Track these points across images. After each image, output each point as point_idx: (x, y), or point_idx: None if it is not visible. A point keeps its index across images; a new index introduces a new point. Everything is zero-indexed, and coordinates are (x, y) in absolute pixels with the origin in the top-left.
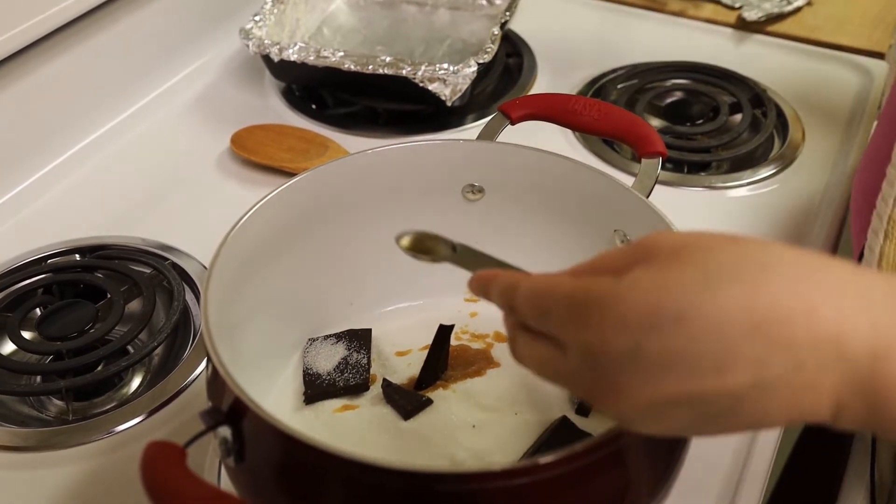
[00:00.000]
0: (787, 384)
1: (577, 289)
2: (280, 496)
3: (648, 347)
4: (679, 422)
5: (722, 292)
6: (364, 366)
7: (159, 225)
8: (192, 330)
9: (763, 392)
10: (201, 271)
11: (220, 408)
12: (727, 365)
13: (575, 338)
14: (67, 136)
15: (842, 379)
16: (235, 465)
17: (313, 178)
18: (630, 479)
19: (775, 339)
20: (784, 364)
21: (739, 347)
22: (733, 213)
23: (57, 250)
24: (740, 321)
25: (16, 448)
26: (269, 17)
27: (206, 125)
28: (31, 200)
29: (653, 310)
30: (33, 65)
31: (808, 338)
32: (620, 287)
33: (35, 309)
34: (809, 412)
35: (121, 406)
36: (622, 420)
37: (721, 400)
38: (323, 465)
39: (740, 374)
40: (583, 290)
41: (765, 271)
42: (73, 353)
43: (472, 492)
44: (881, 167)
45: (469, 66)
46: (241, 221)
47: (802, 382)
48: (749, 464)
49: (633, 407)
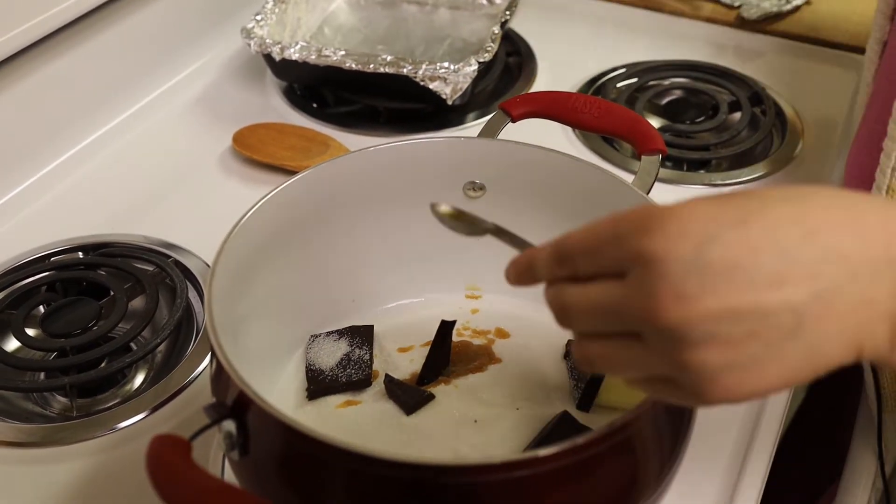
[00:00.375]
0: (843, 296)
1: (635, 212)
2: (284, 489)
3: (710, 255)
4: (738, 345)
5: (774, 208)
6: (366, 362)
7: (162, 223)
8: (195, 327)
9: (821, 305)
10: (204, 269)
11: (225, 402)
12: (784, 275)
13: (637, 250)
14: (70, 134)
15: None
16: (240, 458)
17: (315, 176)
18: (631, 471)
19: (828, 248)
20: (838, 274)
21: (795, 256)
22: None
23: (60, 248)
24: (793, 230)
25: (20, 444)
26: (271, 16)
27: (207, 124)
28: (35, 199)
29: (714, 219)
30: (36, 64)
31: (858, 246)
32: (679, 204)
33: (39, 306)
34: (868, 333)
35: (124, 402)
36: (680, 336)
37: (781, 315)
38: (326, 457)
39: (798, 286)
40: (643, 209)
41: (810, 196)
42: (77, 349)
43: (473, 484)
44: (874, 147)
45: (470, 65)
46: (243, 219)
47: (858, 295)
48: (749, 460)
49: (695, 317)
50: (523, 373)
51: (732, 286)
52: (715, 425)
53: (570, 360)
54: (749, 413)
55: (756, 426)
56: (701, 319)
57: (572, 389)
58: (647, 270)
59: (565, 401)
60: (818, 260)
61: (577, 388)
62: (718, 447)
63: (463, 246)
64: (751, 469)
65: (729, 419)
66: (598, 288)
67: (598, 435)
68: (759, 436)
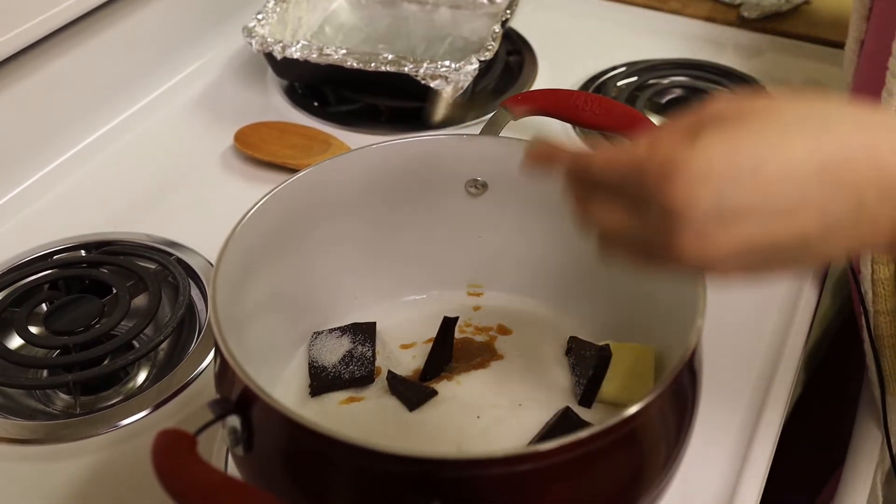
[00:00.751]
0: (850, 223)
1: (656, 151)
2: (288, 484)
3: (730, 197)
4: (755, 264)
5: (789, 143)
6: (369, 358)
7: (164, 221)
8: (198, 324)
9: (829, 233)
10: (206, 267)
11: (229, 398)
12: (798, 210)
13: (658, 195)
14: (72, 133)
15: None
16: (244, 454)
17: (316, 174)
18: (634, 466)
19: (840, 181)
20: (847, 204)
21: (808, 191)
22: None
23: (63, 246)
24: (808, 167)
25: (23, 441)
26: (272, 15)
27: (209, 123)
28: (37, 198)
29: (732, 163)
30: (38, 63)
31: (869, 174)
32: (698, 147)
33: (42, 304)
34: (870, 242)
35: (127, 400)
36: (704, 266)
37: (793, 244)
38: (331, 452)
39: (810, 220)
40: (663, 153)
41: (827, 122)
42: (80, 347)
43: (475, 477)
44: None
45: (471, 64)
46: (246, 216)
47: (864, 219)
48: (753, 445)
49: (716, 253)
50: (525, 369)
51: (751, 224)
52: (719, 410)
53: (572, 356)
54: (754, 397)
55: (761, 410)
56: (717, 254)
57: (574, 385)
58: (669, 216)
59: (567, 396)
60: (829, 194)
61: (578, 383)
62: (723, 431)
63: (465, 243)
64: (755, 454)
65: (733, 406)
66: (621, 213)
67: (600, 430)
68: (764, 420)
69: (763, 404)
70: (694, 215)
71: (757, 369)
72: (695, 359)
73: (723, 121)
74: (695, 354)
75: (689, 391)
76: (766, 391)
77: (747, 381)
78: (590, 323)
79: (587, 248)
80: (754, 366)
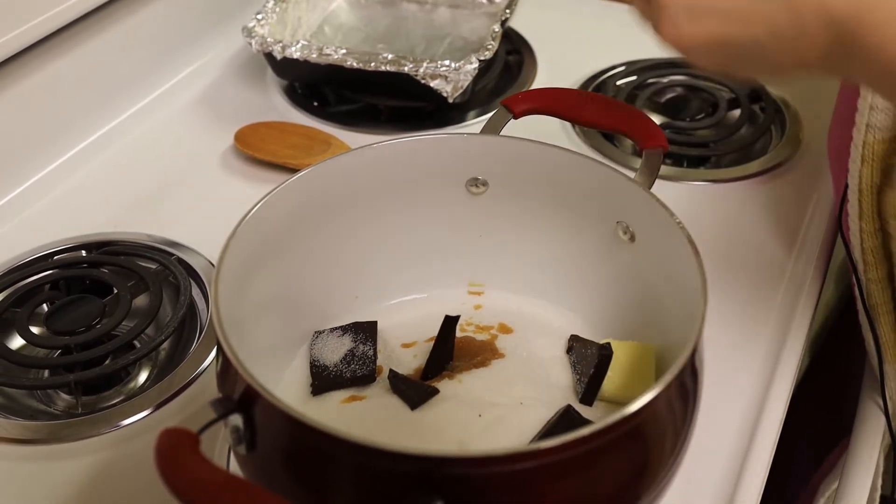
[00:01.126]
0: (792, 35)
1: None
2: (290, 482)
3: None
4: (722, 59)
5: None
6: (370, 357)
7: (165, 221)
8: (199, 324)
9: (776, 43)
10: (207, 267)
11: (232, 396)
12: (751, 16)
13: None
14: (72, 133)
15: (827, 28)
16: (246, 452)
17: (317, 173)
18: (636, 463)
19: (787, 2)
20: (791, 20)
21: (759, 4)
22: (733, 206)
23: (63, 247)
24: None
25: (25, 441)
26: (272, 15)
27: (209, 123)
28: (38, 198)
29: None
30: (39, 64)
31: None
32: None
33: (43, 304)
34: (811, 58)
35: (128, 399)
36: (680, 50)
37: (749, 45)
38: (333, 450)
39: (759, 25)
40: None
41: None
42: (81, 347)
43: (477, 475)
44: (851, 115)
45: (470, 63)
46: (247, 216)
47: (804, 35)
48: (753, 448)
49: (687, 42)
50: (526, 367)
51: (714, 21)
52: (722, 402)
53: (573, 354)
54: (760, 380)
55: (766, 393)
56: (688, 39)
57: (575, 384)
58: (657, 6)
59: (568, 395)
60: (777, 11)
61: (580, 382)
62: (726, 424)
63: (466, 242)
64: (756, 449)
65: (737, 393)
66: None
67: (601, 427)
68: (766, 411)
69: (766, 395)
70: (670, 8)
71: (760, 359)
72: (696, 356)
73: None
74: (696, 352)
75: (690, 388)
76: (769, 380)
77: (751, 369)
78: (591, 321)
79: (588, 246)
80: (757, 355)
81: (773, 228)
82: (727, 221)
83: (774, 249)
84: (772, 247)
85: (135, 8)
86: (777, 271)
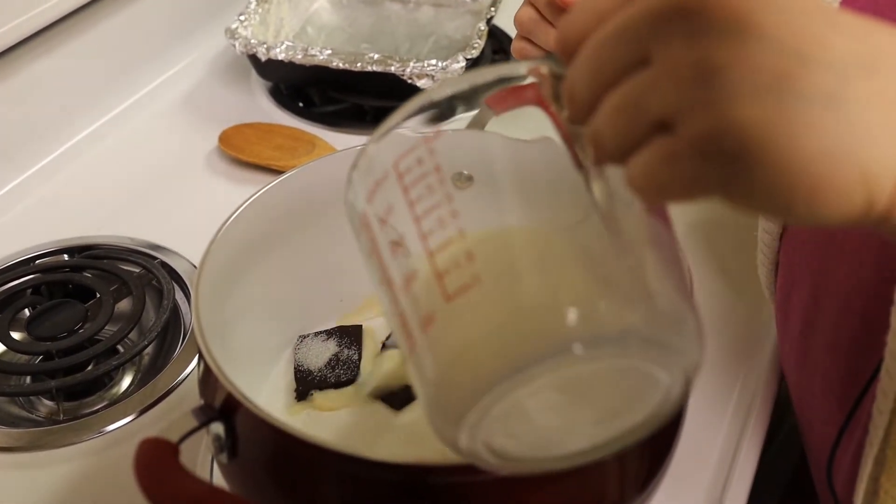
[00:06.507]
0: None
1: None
2: (273, 491)
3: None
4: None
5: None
6: (355, 361)
7: (148, 224)
8: (182, 329)
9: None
10: (191, 270)
11: (213, 404)
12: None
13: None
14: (54, 136)
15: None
16: (228, 461)
17: (301, 175)
18: (621, 468)
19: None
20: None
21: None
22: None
23: (45, 251)
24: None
25: (6, 448)
26: (254, 16)
27: (193, 124)
28: (19, 201)
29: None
30: (20, 64)
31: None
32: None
33: (24, 309)
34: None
35: (111, 405)
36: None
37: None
38: (316, 459)
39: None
40: None
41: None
42: (63, 353)
43: (463, 484)
44: None
45: (457, 62)
46: (230, 219)
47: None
48: (741, 448)
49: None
50: None
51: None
52: (710, 402)
53: None
54: (745, 385)
55: (753, 396)
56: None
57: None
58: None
59: None
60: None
61: None
62: (714, 425)
63: None
64: (744, 450)
65: (725, 396)
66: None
67: None
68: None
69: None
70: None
71: (747, 353)
72: None
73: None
74: None
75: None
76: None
77: (738, 369)
78: None
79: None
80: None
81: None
82: (721, 218)
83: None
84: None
85: (117, 9)
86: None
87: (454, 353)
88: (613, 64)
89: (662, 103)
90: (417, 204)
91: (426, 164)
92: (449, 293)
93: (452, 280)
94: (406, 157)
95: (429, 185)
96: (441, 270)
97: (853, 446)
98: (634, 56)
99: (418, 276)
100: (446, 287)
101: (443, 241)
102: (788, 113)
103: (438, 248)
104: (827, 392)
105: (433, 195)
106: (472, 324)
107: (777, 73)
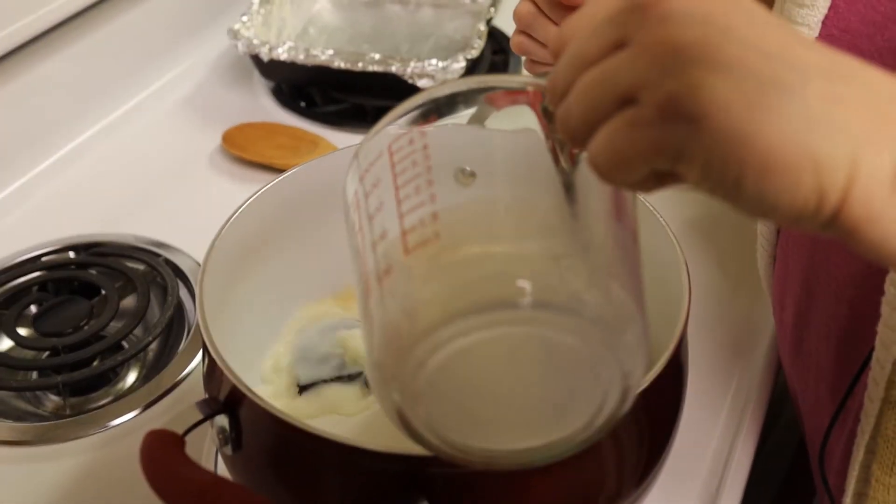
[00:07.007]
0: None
1: None
2: (277, 483)
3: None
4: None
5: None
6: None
7: (152, 222)
8: (186, 325)
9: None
10: (194, 267)
11: (218, 397)
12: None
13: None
14: (59, 135)
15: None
16: (233, 453)
17: (304, 173)
18: (618, 460)
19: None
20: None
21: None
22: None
23: (51, 248)
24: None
25: (13, 442)
26: (257, 17)
27: (197, 124)
28: (25, 200)
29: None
30: (25, 66)
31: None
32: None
33: (31, 306)
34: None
35: (116, 400)
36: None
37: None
38: (319, 450)
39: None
40: None
41: (851, 85)
42: (69, 348)
43: (461, 475)
44: None
45: (457, 62)
46: (233, 217)
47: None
48: (738, 440)
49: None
50: None
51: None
52: (708, 398)
53: None
54: (742, 378)
55: (748, 392)
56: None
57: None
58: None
59: None
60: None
61: None
62: (711, 419)
63: None
64: (742, 439)
65: (726, 379)
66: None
67: None
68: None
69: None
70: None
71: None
72: (681, 351)
73: None
74: (680, 348)
75: (674, 385)
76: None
77: (735, 365)
78: None
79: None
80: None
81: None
82: (719, 218)
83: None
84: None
85: (121, 10)
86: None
87: (401, 304)
88: (593, 53)
89: (630, 76)
90: (400, 176)
91: (416, 143)
92: (409, 248)
93: (414, 237)
94: (399, 139)
95: (414, 160)
96: (406, 229)
97: (845, 435)
98: (611, 44)
99: (387, 236)
100: (408, 243)
101: (415, 204)
102: (749, 91)
103: (409, 210)
104: (820, 381)
105: (416, 168)
106: (423, 276)
107: (740, 60)
